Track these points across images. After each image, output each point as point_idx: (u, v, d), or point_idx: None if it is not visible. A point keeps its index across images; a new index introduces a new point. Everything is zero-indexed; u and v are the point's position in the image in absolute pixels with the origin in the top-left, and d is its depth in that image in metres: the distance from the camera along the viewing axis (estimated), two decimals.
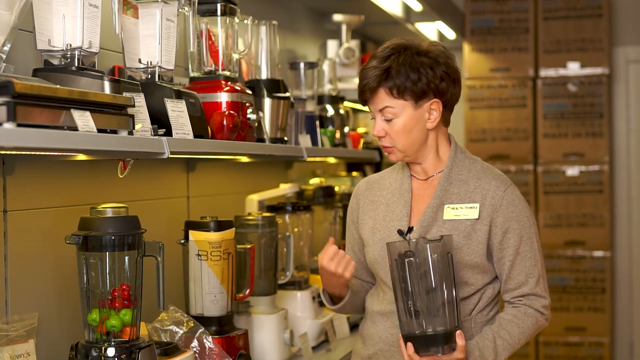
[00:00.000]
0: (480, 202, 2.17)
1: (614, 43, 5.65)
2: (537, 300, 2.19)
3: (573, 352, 5.37)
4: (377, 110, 2.18)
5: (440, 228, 2.17)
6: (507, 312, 2.19)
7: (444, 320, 2.02)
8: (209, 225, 2.47)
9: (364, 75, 2.18)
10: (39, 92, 1.62)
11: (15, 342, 1.99)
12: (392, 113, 2.16)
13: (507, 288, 2.20)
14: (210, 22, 2.60)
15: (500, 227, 2.17)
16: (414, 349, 2.01)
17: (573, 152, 5.44)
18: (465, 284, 2.16)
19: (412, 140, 2.18)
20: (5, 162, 2.06)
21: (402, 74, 2.13)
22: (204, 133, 2.37)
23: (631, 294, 5.66)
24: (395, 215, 2.23)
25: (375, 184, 2.34)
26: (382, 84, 2.15)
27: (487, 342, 2.12)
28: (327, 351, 3.00)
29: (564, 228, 5.42)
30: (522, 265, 2.17)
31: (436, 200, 2.19)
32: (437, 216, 2.18)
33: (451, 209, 2.18)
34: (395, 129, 2.17)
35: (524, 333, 2.16)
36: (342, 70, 4.24)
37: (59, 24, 1.95)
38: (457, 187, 2.21)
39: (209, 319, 2.48)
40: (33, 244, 2.18)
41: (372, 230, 2.26)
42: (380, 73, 2.14)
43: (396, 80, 2.13)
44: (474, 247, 2.16)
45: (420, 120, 2.17)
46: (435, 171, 2.24)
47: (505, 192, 2.18)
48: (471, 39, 5.52)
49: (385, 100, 2.16)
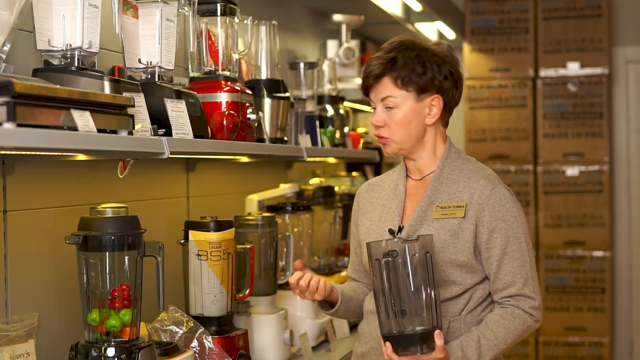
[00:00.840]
0: (468, 201, 2.17)
1: (614, 43, 5.65)
2: (526, 301, 2.16)
3: (573, 352, 5.37)
4: (378, 100, 2.19)
5: (429, 227, 2.17)
6: (495, 313, 2.18)
7: (423, 320, 2.01)
8: (208, 225, 2.47)
9: (369, 64, 2.20)
10: (39, 92, 1.62)
11: (15, 342, 1.99)
12: (393, 103, 2.17)
13: (495, 288, 2.19)
14: (210, 22, 2.60)
15: (486, 227, 2.16)
16: (393, 349, 2.02)
17: (573, 152, 5.44)
18: (452, 283, 2.16)
19: (409, 133, 2.19)
20: (5, 162, 2.06)
21: (409, 65, 2.16)
22: (203, 133, 2.37)
23: (631, 294, 5.66)
24: (389, 216, 2.24)
25: (376, 186, 2.35)
26: (387, 73, 2.17)
27: (471, 342, 2.10)
28: (327, 351, 3.00)
29: (563, 228, 5.42)
30: (509, 266, 2.15)
31: (426, 199, 2.20)
32: (426, 215, 2.18)
33: (439, 208, 2.18)
34: (395, 120, 2.18)
35: (510, 334, 2.13)
36: (342, 70, 4.24)
37: (59, 24, 1.95)
38: (448, 187, 2.21)
39: (209, 319, 2.48)
40: (33, 244, 2.18)
41: (368, 232, 2.27)
42: (386, 62, 2.17)
43: (402, 70, 2.16)
44: (460, 246, 2.15)
45: (420, 114, 2.19)
46: (429, 170, 2.25)
47: (492, 191, 2.17)
48: (471, 39, 5.52)
49: (389, 89, 2.17)
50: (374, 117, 2.21)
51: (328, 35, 4.40)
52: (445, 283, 2.15)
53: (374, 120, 2.20)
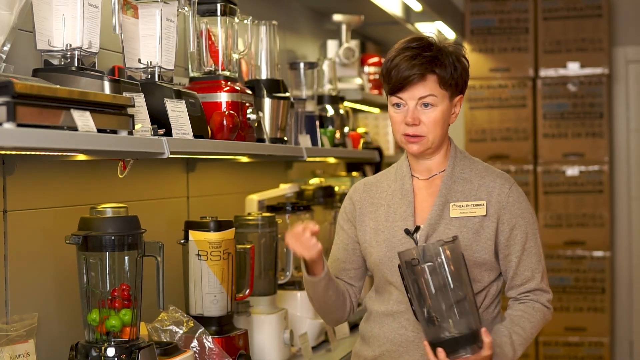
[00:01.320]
0: (487, 200, 2.20)
1: (614, 43, 5.65)
2: (543, 295, 2.23)
3: (573, 352, 5.37)
4: (414, 98, 2.16)
5: (448, 226, 2.18)
6: (516, 309, 2.21)
7: (468, 321, 2.03)
8: (208, 225, 2.47)
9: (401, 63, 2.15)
10: (39, 92, 1.62)
11: (15, 342, 1.99)
12: (434, 101, 2.16)
13: (513, 284, 2.22)
14: (210, 22, 2.60)
15: (507, 225, 2.19)
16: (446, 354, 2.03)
17: (573, 152, 5.44)
18: (473, 282, 2.17)
19: (442, 132, 2.20)
20: (5, 162, 2.06)
21: (451, 65, 2.17)
22: (203, 133, 2.37)
23: (631, 294, 5.66)
24: (398, 216, 2.23)
25: (373, 186, 2.34)
26: (432, 72, 2.15)
27: (505, 339, 2.14)
28: (327, 351, 3.00)
29: (564, 228, 5.43)
30: (528, 262, 2.20)
31: (442, 198, 2.20)
32: (443, 214, 2.19)
33: (457, 206, 2.19)
34: (433, 118, 2.17)
35: (535, 327, 2.20)
36: (342, 70, 4.24)
37: (59, 24, 1.95)
38: (461, 186, 2.22)
39: (208, 319, 2.48)
40: (33, 244, 2.18)
41: (375, 232, 2.25)
42: (431, 60, 2.15)
43: (445, 70, 2.16)
44: (482, 244, 2.18)
45: (449, 114, 2.21)
46: (438, 170, 2.26)
47: (510, 189, 2.22)
48: (471, 39, 5.52)
49: (432, 88, 2.16)
50: (409, 115, 2.16)
51: (328, 35, 4.40)
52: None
53: (410, 118, 2.16)
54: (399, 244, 2.18)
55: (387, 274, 2.21)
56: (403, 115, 2.18)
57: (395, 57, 2.17)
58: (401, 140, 2.21)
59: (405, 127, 2.18)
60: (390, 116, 2.22)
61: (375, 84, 4.79)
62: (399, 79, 2.16)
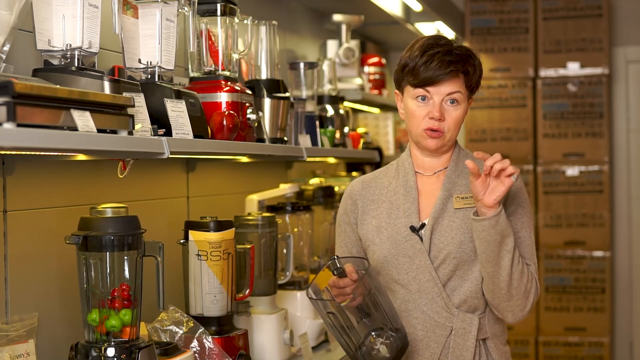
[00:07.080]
0: None
1: (614, 43, 5.65)
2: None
3: (573, 352, 5.37)
4: (442, 93, 2.17)
5: (452, 217, 2.19)
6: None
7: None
8: (208, 225, 2.47)
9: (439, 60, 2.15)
10: (39, 92, 1.62)
11: (15, 342, 1.99)
12: (459, 99, 2.20)
13: None
14: (210, 22, 2.60)
15: (507, 209, 2.18)
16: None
17: (573, 152, 5.44)
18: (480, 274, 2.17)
19: (457, 131, 2.24)
20: (5, 162, 2.06)
21: (476, 66, 2.22)
22: (203, 133, 2.37)
23: (631, 294, 5.66)
24: (402, 213, 2.23)
25: (372, 183, 2.33)
26: (464, 71, 2.19)
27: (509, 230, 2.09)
28: (327, 351, 3.00)
29: (563, 228, 5.43)
30: (521, 250, 2.19)
31: (445, 192, 2.21)
32: (446, 207, 2.20)
33: (460, 198, 2.20)
34: (455, 116, 2.20)
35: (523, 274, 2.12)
36: (342, 70, 4.24)
37: (59, 24, 1.95)
38: (464, 179, 2.24)
39: (208, 319, 2.48)
40: (33, 244, 2.18)
41: (377, 229, 2.25)
42: (464, 60, 2.18)
43: (474, 70, 2.21)
44: None
45: (465, 114, 2.26)
46: (442, 167, 2.27)
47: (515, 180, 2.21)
48: (471, 39, 5.52)
49: (459, 86, 2.19)
50: (435, 109, 2.17)
51: (328, 35, 4.40)
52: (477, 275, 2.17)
53: (437, 112, 2.17)
54: (403, 240, 2.18)
55: (393, 272, 2.20)
56: (427, 109, 2.18)
57: (424, 52, 2.17)
58: (421, 134, 2.20)
59: (428, 121, 2.18)
60: (411, 109, 2.20)
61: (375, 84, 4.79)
62: (430, 75, 2.16)
